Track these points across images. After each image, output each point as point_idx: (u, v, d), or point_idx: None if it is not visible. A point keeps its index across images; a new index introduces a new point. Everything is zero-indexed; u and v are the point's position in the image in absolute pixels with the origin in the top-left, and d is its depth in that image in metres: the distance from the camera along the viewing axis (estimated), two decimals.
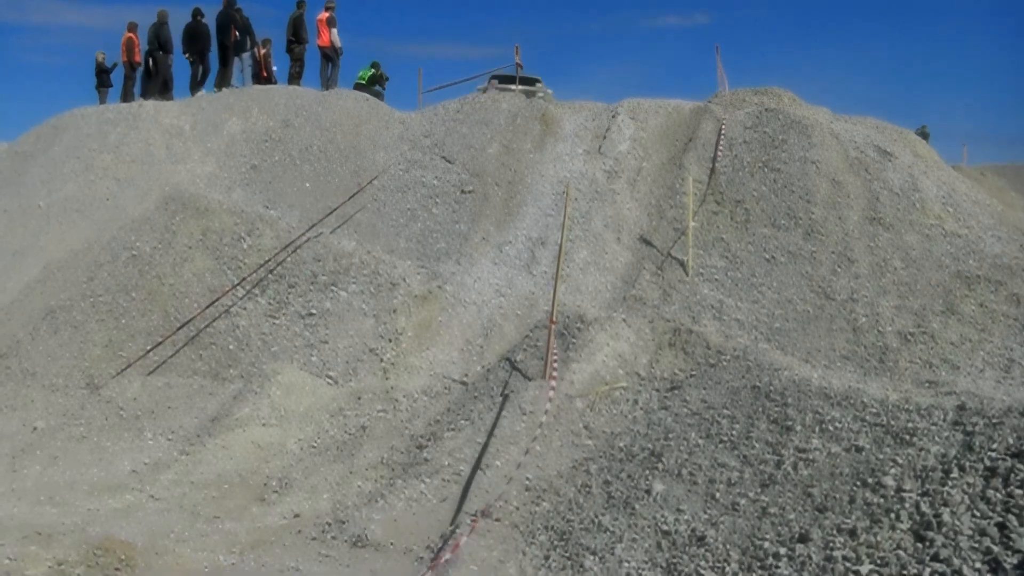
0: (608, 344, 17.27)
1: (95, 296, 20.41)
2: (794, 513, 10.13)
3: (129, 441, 16.59)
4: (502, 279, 21.69)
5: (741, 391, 14.36)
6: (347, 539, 12.52)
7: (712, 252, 22.32)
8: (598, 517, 11.81)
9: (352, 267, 20.69)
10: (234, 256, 21.07)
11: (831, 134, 25.42)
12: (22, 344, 19.58)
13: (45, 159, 26.13)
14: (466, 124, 27.56)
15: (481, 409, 15.98)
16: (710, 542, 10.25)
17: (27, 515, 13.17)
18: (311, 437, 16.49)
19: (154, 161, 25.60)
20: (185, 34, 29.47)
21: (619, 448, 13.90)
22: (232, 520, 13.49)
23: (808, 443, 11.71)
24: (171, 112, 27.75)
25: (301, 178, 25.40)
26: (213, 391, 18.09)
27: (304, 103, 27.99)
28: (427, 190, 25.09)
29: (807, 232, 22.39)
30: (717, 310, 20.47)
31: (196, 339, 19.44)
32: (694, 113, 27.69)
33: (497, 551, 11.64)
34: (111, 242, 22.10)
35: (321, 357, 18.91)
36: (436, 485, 13.68)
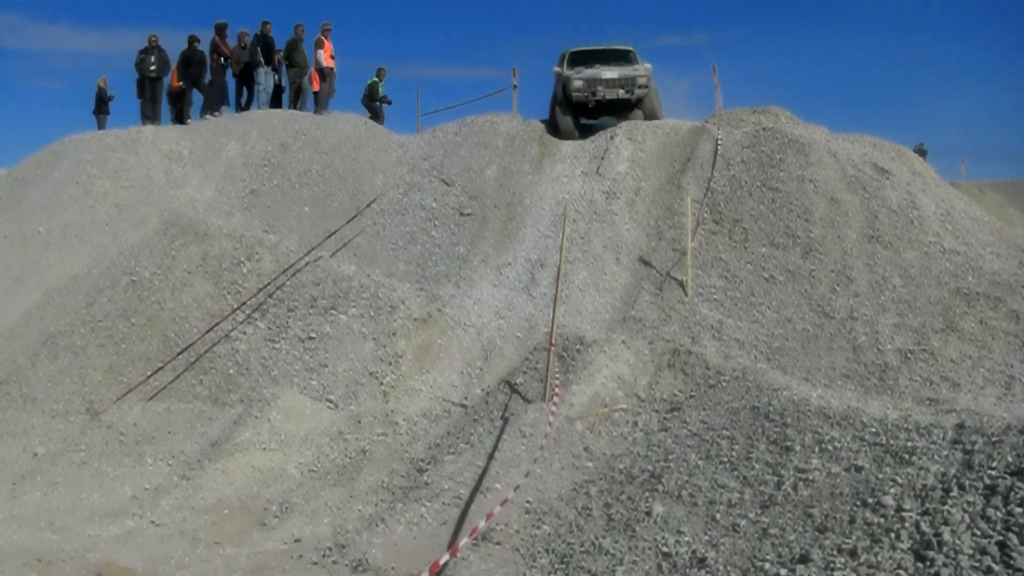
0: (608, 366, 17.27)
1: (95, 321, 20.43)
2: (794, 534, 10.10)
3: (129, 466, 16.58)
4: (501, 301, 21.71)
5: (740, 412, 14.34)
6: (348, 563, 12.47)
7: (711, 272, 22.33)
8: (599, 539, 11.77)
9: (352, 290, 20.70)
10: (234, 280, 21.09)
11: (828, 152, 25.44)
12: (22, 370, 19.59)
13: (44, 185, 26.14)
14: (464, 146, 27.63)
15: (481, 432, 15.96)
16: (711, 564, 10.21)
17: (27, 541, 13.17)
18: (311, 461, 16.47)
19: (153, 186, 25.64)
20: (180, 60, 29.52)
21: (619, 470, 13.88)
22: (232, 545, 13.47)
23: (808, 463, 11.68)
24: (170, 137, 27.81)
25: (300, 202, 25.43)
26: (213, 416, 18.08)
27: (302, 127, 28.04)
28: (426, 213, 25.13)
29: (806, 251, 22.40)
30: (716, 330, 20.44)
31: (196, 364, 19.45)
32: (691, 133, 27.76)
33: (498, 574, 11.61)
34: (111, 267, 22.14)
35: (321, 381, 18.91)
36: (437, 509, 13.64)
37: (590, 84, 29.20)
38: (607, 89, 29.24)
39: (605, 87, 29.21)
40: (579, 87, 29.12)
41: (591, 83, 29.20)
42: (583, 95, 29.20)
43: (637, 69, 29.80)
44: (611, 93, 29.29)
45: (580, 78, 29.23)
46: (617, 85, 29.30)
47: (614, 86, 29.26)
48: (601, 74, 29.35)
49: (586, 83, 29.20)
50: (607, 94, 29.28)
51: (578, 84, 29.14)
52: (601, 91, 29.21)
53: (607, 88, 29.24)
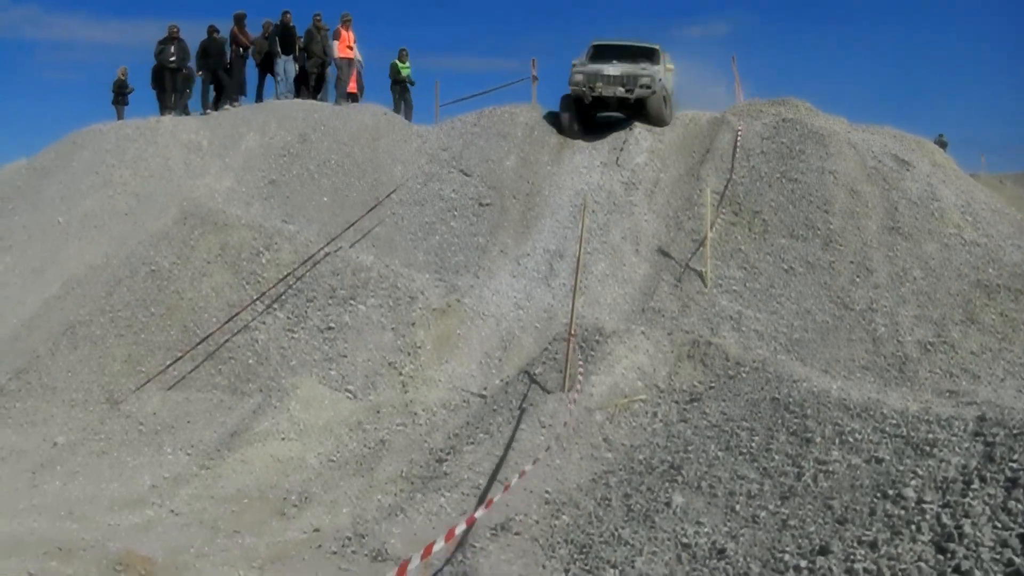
0: (627, 356, 17.26)
1: (114, 311, 20.46)
2: (814, 525, 10.08)
3: (149, 456, 16.59)
4: (520, 292, 21.69)
5: (760, 403, 14.33)
6: (367, 553, 12.49)
7: (730, 263, 22.29)
8: (618, 530, 11.76)
9: (371, 281, 20.70)
10: (253, 271, 21.11)
11: (848, 144, 25.37)
12: (42, 359, 19.62)
13: (64, 175, 26.17)
14: (483, 137, 27.59)
15: (500, 422, 15.96)
16: (730, 555, 10.20)
17: (47, 530, 13.18)
18: (330, 451, 16.48)
19: (172, 176, 25.65)
20: (199, 50, 29.49)
21: (639, 461, 13.88)
22: (252, 535, 13.48)
23: (828, 455, 11.67)
24: (189, 127, 27.81)
25: (319, 192, 25.42)
26: (232, 405, 18.10)
27: (321, 117, 28.01)
28: (445, 203, 25.12)
29: (825, 242, 22.34)
30: (736, 321, 20.41)
31: (215, 354, 19.47)
32: (711, 124, 27.71)
33: (517, 565, 11.59)
34: (130, 257, 22.15)
35: (340, 371, 18.91)
36: (456, 499, 13.64)
37: (589, 78, 27.82)
38: (606, 86, 27.73)
39: (604, 83, 27.72)
40: (578, 80, 27.92)
41: (591, 77, 27.82)
42: (581, 89, 27.84)
43: (646, 69, 27.94)
44: (609, 90, 27.75)
45: (581, 71, 28.02)
46: (617, 82, 27.68)
47: (613, 83, 27.70)
48: (604, 69, 27.89)
49: (586, 77, 27.87)
50: (604, 91, 27.75)
51: (578, 77, 27.96)
52: (600, 87, 27.75)
53: (606, 85, 27.73)
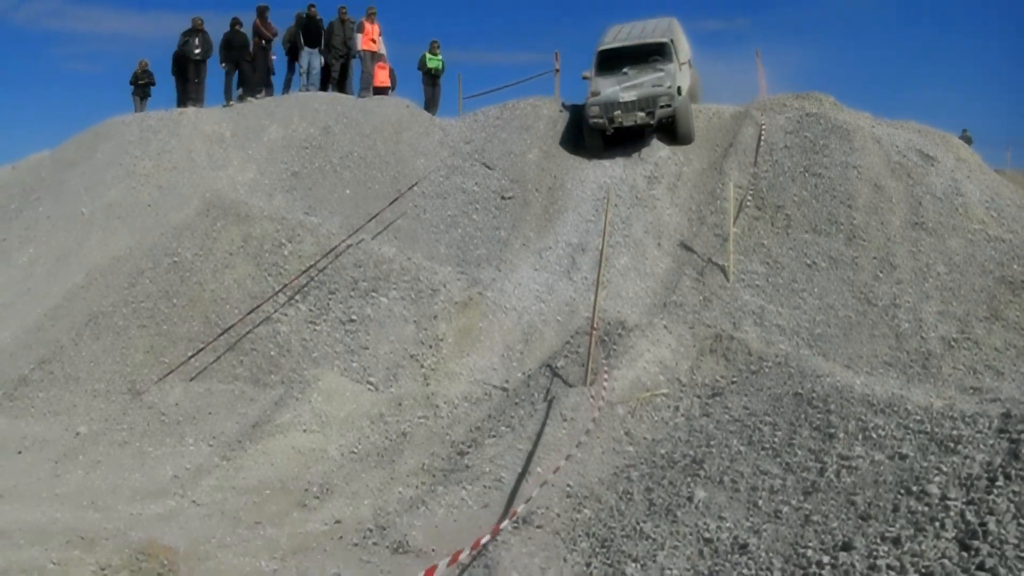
0: (649, 350, 17.21)
1: (137, 302, 20.52)
2: (837, 521, 10.04)
3: (171, 447, 16.65)
4: (542, 285, 21.67)
5: (783, 398, 14.26)
6: (388, 545, 12.49)
7: (753, 258, 22.24)
8: (639, 524, 11.73)
9: (393, 273, 20.70)
10: (275, 262, 21.14)
11: (872, 138, 25.30)
12: (65, 349, 19.70)
13: (87, 166, 26.27)
14: (506, 130, 27.62)
15: (522, 415, 15.95)
16: (752, 550, 10.17)
17: (70, 520, 13.24)
18: (352, 443, 16.49)
19: (195, 168, 25.71)
20: (222, 43, 29.55)
21: (660, 455, 13.83)
22: (273, 526, 13.50)
23: (851, 450, 11.60)
24: (212, 119, 27.89)
25: (342, 184, 25.46)
26: (254, 397, 18.14)
27: (344, 110, 28.07)
28: (467, 196, 25.14)
29: (849, 237, 22.27)
30: (758, 316, 20.36)
31: (237, 345, 19.51)
32: (734, 118, 27.67)
33: (538, 558, 11.57)
34: (153, 248, 22.23)
35: (362, 363, 18.93)
36: (477, 491, 13.63)
37: (606, 109, 26.57)
38: (625, 114, 26.53)
39: (623, 111, 26.52)
40: (595, 113, 26.72)
41: (607, 108, 26.55)
42: (601, 121, 26.70)
43: (662, 79, 26.62)
44: (628, 118, 26.60)
45: (596, 103, 26.70)
46: (635, 107, 26.43)
47: (631, 109, 26.46)
48: (619, 96, 26.54)
49: (602, 108, 26.61)
50: (624, 120, 26.61)
51: (594, 110, 26.73)
52: (618, 116, 26.59)
53: (625, 112, 26.51)
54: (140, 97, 32.40)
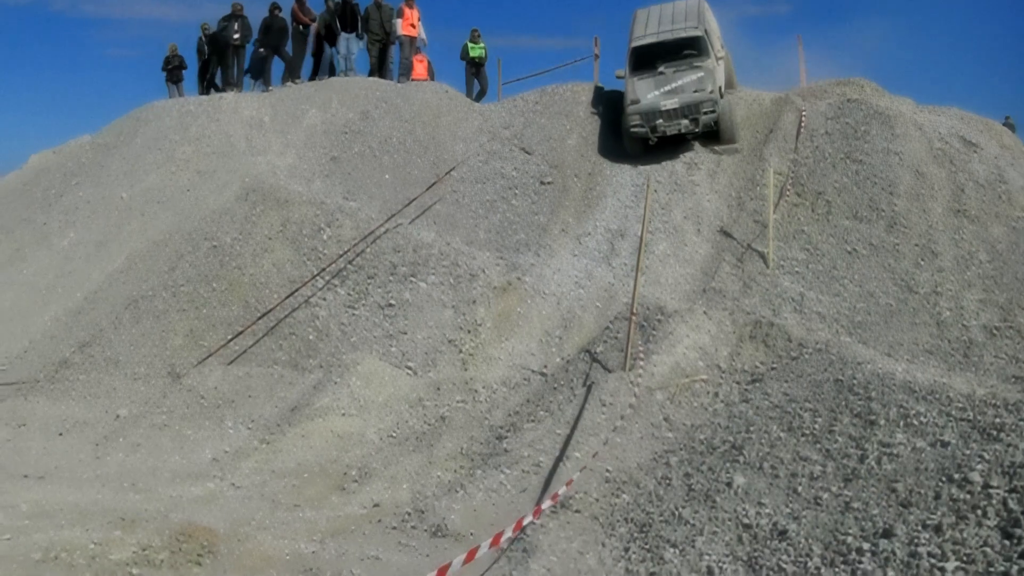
0: (688, 336, 17.18)
1: (176, 286, 20.60)
2: (878, 508, 9.99)
3: (210, 430, 16.72)
4: (581, 271, 21.62)
5: (823, 384, 14.21)
6: (426, 529, 12.53)
7: (793, 244, 22.14)
8: (678, 509, 11.73)
9: (431, 258, 20.71)
10: (314, 247, 21.18)
11: (914, 125, 25.14)
12: (105, 333, 19.79)
13: (127, 151, 26.40)
14: (545, 115, 27.58)
15: (561, 400, 15.95)
16: (792, 536, 10.14)
17: (111, 501, 13.30)
18: (390, 427, 16.54)
19: (234, 153, 25.79)
20: (261, 28, 29.63)
21: (700, 441, 13.82)
22: (312, 508, 13.55)
23: (892, 437, 11.55)
24: (251, 104, 27.98)
25: (380, 169, 25.48)
26: (293, 381, 18.18)
27: (383, 95, 28.10)
28: (506, 181, 25.11)
29: (890, 224, 22.13)
30: (798, 303, 20.27)
31: (276, 329, 19.55)
32: (775, 104, 27.56)
33: (577, 542, 11.60)
34: (192, 233, 22.30)
35: (400, 348, 18.94)
36: (516, 476, 13.66)
37: (647, 118, 25.92)
38: (667, 122, 25.92)
39: (665, 119, 25.91)
40: (637, 123, 26.11)
41: (648, 116, 25.90)
42: (643, 130, 26.11)
43: (704, 83, 25.81)
44: (672, 127, 26.01)
45: (637, 111, 26.01)
46: (679, 115, 25.79)
47: (676, 117, 25.84)
48: (660, 104, 25.80)
49: (643, 117, 25.94)
50: (668, 129, 26.00)
51: (635, 120, 26.08)
52: (662, 126, 25.98)
53: (667, 120, 25.89)
54: (172, 81, 32.50)
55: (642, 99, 26.11)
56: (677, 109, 25.73)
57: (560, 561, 11.17)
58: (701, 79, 25.98)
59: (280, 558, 11.72)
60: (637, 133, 26.19)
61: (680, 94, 25.83)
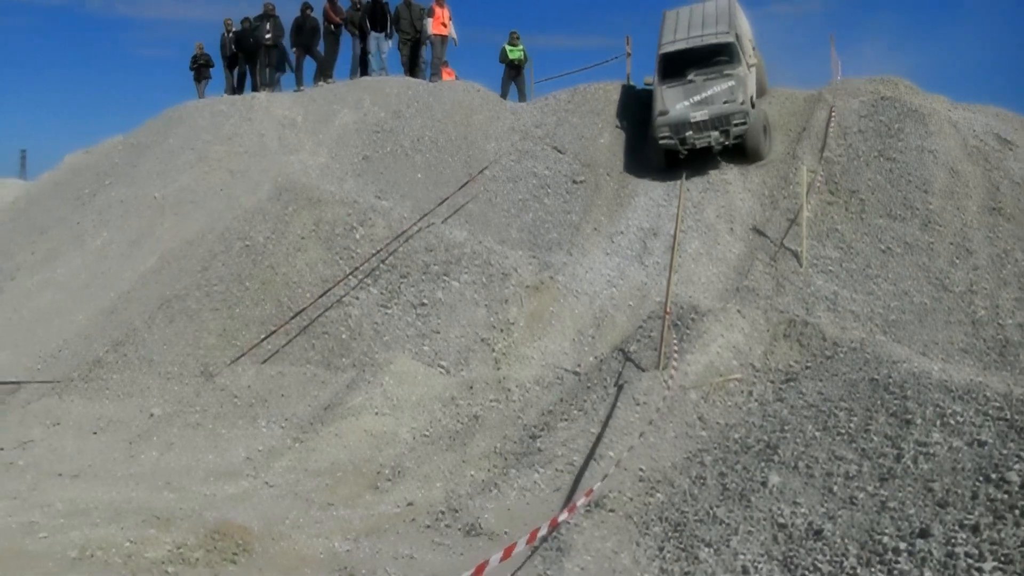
0: (722, 335, 17.11)
1: (209, 285, 20.69)
2: (914, 508, 9.94)
3: (243, 428, 16.80)
4: (614, 269, 21.57)
5: (859, 383, 14.13)
6: (460, 528, 12.53)
7: (826, 243, 22.02)
8: (713, 509, 11.69)
9: (464, 257, 20.71)
10: (346, 246, 21.23)
11: (949, 122, 25.00)
12: (138, 332, 19.90)
13: (160, 151, 26.57)
14: (577, 114, 27.57)
15: (594, 399, 15.89)
16: (827, 536, 10.09)
17: (145, 499, 13.38)
18: (424, 426, 16.53)
19: (267, 152, 25.93)
20: (293, 27, 29.72)
21: (734, 440, 13.77)
22: (346, 507, 13.58)
23: (929, 437, 11.48)
24: (283, 104, 28.13)
25: (413, 168, 25.53)
26: (326, 380, 18.22)
27: (415, 94, 28.18)
28: (538, 180, 25.09)
29: (924, 223, 22.00)
30: (831, 302, 20.17)
31: (309, 328, 19.61)
32: (807, 102, 27.48)
33: (611, 541, 11.58)
34: (225, 232, 22.42)
35: (433, 347, 18.95)
36: (549, 475, 13.63)
37: (676, 129, 24.95)
38: (697, 134, 24.93)
39: (695, 131, 24.91)
40: (665, 135, 25.16)
41: (677, 128, 24.92)
42: (672, 142, 25.17)
43: (734, 94, 24.86)
44: (702, 139, 25.03)
45: (666, 123, 25.06)
46: (709, 127, 24.81)
47: (706, 129, 24.85)
48: (689, 115, 24.78)
49: (672, 128, 24.98)
50: (698, 141, 25.02)
51: (663, 132, 25.12)
52: (691, 138, 24.98)
53: (697, 132, 24.90)
54: (198, 80, 32.60)
55: (671, 110, 25.21)
56: (707, 121, 24.84)
57: (594, 560, 11.16)
58: (732, 88, 25.09)
59: (314, 556, 11.76)
60: (666, 145, 25.23)
61: (710, 105, 24.93)
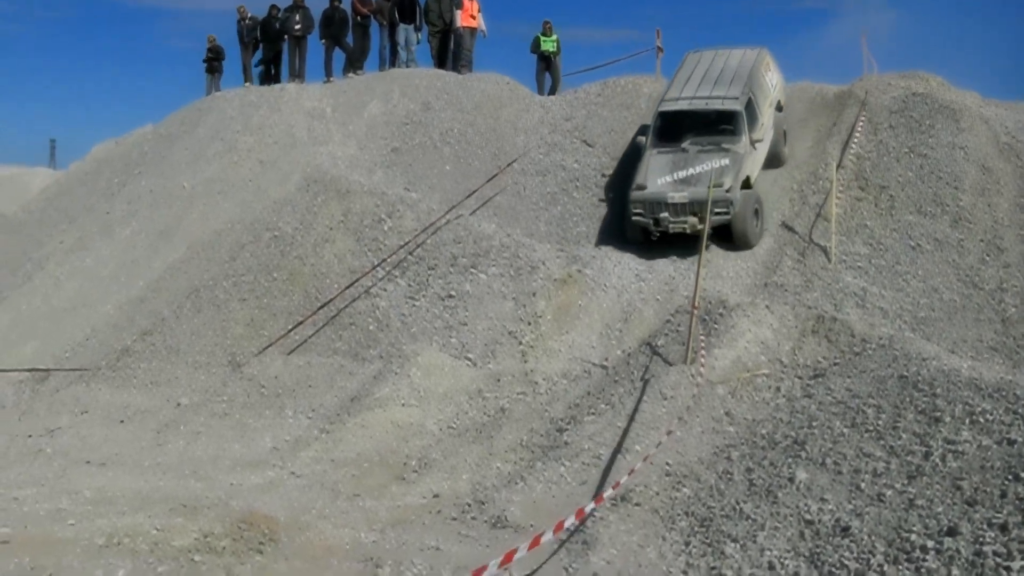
0: (750, 330, 17.07)
1: (237, 276, 20.74)
2: (942, 506, 9.89)
3: (270, 419, 16.87)
4: (642, 263, 21.50)
5: (887, 380, 14.07)
6: (486, 520, 12.52)
7: (855, 239, 21.95)
8: (740, 504, 11.67)
9: (492, 250, 20.68)
10: (375, 237, 21.23)
11: (981, 119, 24.85)
12: (167, 322, 19.99)
13: (189, 141, 26.65)
14: (607, 108, 27.50)
15: (621, 393, 15.87)
16: (855, 533, 10.05)
17: (172, 488, 13.44)
18: (450, 418, 16.56)
19: (296, 143, 25.97)
20: (322, 19, 29.71)
21: (761, 435, 13.74)
22: (372, 498, 13.58)
23: (958, 435, 11.42)
24: (313, 95, 28.15)
25: (441, 160, 25.55)
26: (353, 371, 18.25)
27: (445, 86, 28.14)
28: (567, 173, 25.07)
29: (954, 219, 21.91)
30: (860, 298, 20.12)
31: (336, 319, 19.62)
32: (838, 97, 27.35)
33: (637, 535, 11.56)
34: (253, 223, 22.47)
35: (460, 339, 18.95)
36: (576, 468, 13.62)
37: (651, 208, 22.03)
38: (673, 216, 21.87)
39: (671, 214, 21.88)
40: (638, 212, 22.25)
41: (652, 207, 22.01)
42: (644, 221, 22.26)
43: (723, 176, 21.57)
44: (677, 223, 21.90)
45: (641, 198, 22.14)
46: (687, 211, 21.74)
47: (683, 213, 21.81)
48: (667, 195, 21.82)
49: (646, 207, 22.07)
50: (672, 225, 21.94)
51: (637, 209, 22.22)
52: (666, 220, 21.92)
53: (673, 215, 21.86)
54: (211, 73, 32.48)
55: (649, 185, 22.26)
56: (685, 205, 21.80)
57: (620, 554, 11.15)
58: (723, 169, 21.90)
59: (340, 547, 11.75)
60: (638, 223, 22.40)
61: (693, 186, 21.82)
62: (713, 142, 22.70)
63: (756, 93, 23.99)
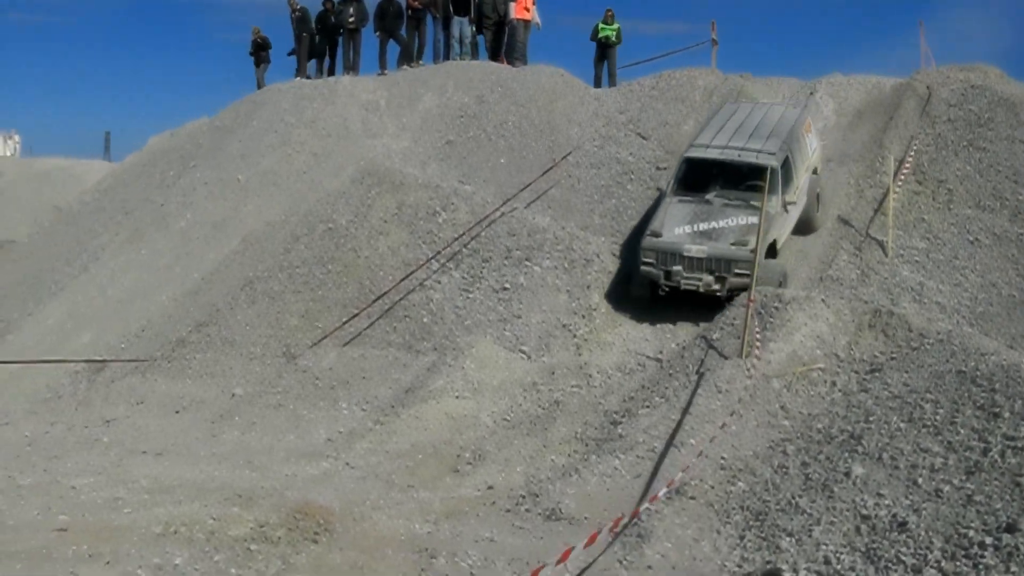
0: (806, 324, 16.94)
1: (292, 268, 20.81)
2: (1001, 502, 9.83)
3: (324, 410, 16.96)
4: None
5: (945, 375, 13.94)
6: (541, 512, 12.56)
7: (913, 233, 21.74)
8: (795, 499, 11.64)
9: (546, 242, 20.64)
10: (429, 230, 21.24)
11: None
12: (221, 313, 20.08)
13: (244, 134, 26.74)
14: (661, 100, 27.38)
15: (676, 386, 15.83)
16: (912, 528, 10.01)
17: (227, 478, 13.56)
18: (504, 410, 16.58)
19: (350, 136, 26.05)
20: (376, 12, 29.75)
21: (817, 430, 13.67)
22: (426, 490, 13.66)
23: (1017, 431, 11.33)
24: (367, 87, 28.20)
25: (496, 153, 25.53)
26: (407, 363, 18.31)
27: (499, 79, 28.10)
28: (621, 166, 24.97)
29: (1014, 214, 21.67)
30: (917, 292, 19.96)
31: (391, 311, 19.67)
32: (895, 90, 27.07)
33: (691, 529, 11.56)
34: (308, 215, 22.52)
35: (514, 331, 18.94)
36: (630, 461, 13.61)
37: (663, 258, 19.71)
38: (687, 272, 19.49)
39: (686, 268, 19.51)
40: (649, 262, 19.83)
41: (665, 257, 19.70)
42: (654, 273, 19.81)
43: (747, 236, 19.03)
44: (692, 281, 19.48)
45: (653, 247, 19.82)
46: (704, 267, 19.45)
47: (698, 269, 19.49)
48: (683, 246, 19.53)
49: (658, 257, 19.74)
50: (686, 281, 19.51)
51: (648, 258, 19.81)
52: (678, 273, 19.51)
53: (688, 271, 19.49)
54: (258, 64, 32.44)
55: (665, 233, 19.99)
56: (703, 260, 19.52)
57: (675, 547, 11.17)
58: (748, 228, 19.32)
59: (395, 538, 11.82)
60: (647, 274, 19.98)
61: (714, 240, 19.74)
62: (741, 197, 20.40)
63: (794, 152, 21.69)
